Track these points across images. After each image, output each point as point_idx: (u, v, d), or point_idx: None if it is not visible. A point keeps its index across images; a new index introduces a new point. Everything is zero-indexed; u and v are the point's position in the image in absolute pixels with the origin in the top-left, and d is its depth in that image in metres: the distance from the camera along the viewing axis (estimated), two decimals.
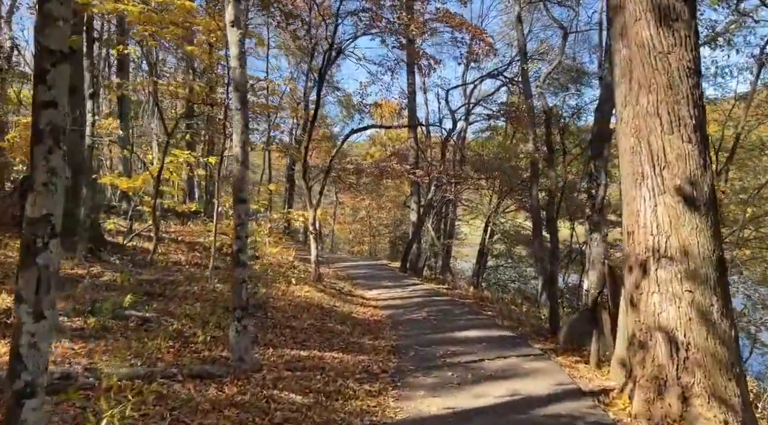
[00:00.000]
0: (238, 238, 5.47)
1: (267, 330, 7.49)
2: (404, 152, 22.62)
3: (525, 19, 20.58)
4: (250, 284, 10.11)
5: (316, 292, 11.47)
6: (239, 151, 5.48)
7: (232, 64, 5.48)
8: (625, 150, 5.46)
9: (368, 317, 10.54)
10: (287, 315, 8.58)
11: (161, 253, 11.81)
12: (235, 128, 5.51)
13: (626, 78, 5.43)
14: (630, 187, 5.37)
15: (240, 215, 5.49)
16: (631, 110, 5.35)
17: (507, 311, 13.03)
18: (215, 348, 6.07)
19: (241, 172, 5.49)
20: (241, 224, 5.49)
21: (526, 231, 25.69)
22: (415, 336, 8.77)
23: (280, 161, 35.41)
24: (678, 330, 4.89)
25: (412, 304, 12.36)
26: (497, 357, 7.30)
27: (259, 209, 14.78)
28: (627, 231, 5.42)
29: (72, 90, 9.71)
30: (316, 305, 9.99)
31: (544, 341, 9.60)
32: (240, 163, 5.47)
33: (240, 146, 5.48)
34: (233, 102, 5.53)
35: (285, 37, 21.72)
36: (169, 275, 9.57)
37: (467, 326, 9.85)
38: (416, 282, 16.71)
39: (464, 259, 34.69)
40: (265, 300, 9.13)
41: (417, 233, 20.42)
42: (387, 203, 40.50)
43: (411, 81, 20.74)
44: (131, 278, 8.50)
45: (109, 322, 6.14)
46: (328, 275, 16.12)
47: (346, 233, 46.96)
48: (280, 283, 11.13)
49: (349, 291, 13.59)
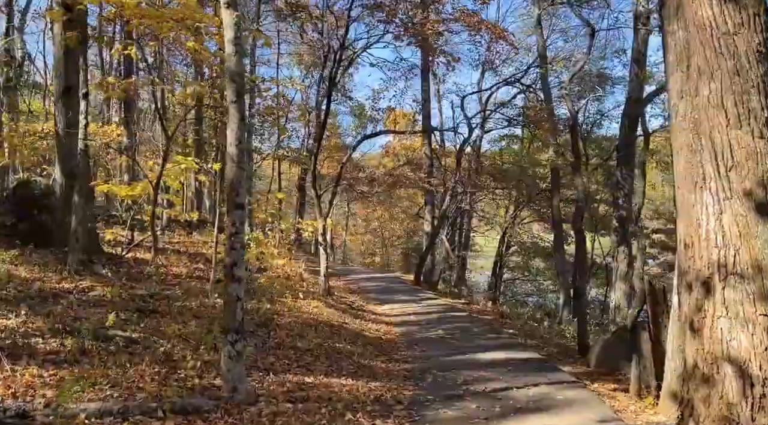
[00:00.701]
0: (232, 249, 4.76)
1: (269, 352, 6.75)
2: (418, 160, 21.90)
3: (543, 25, 19.96)
4: (254, 300, 9.42)
5: (325, 307, 10.74)
6: (234, 150, 4.79)
7: (227, 51, 4.81)
8: (681, 148, 4.68)
9: (381, 335, 9.78)
10: (292, 334, 7.84)
11: (161, 265, 11.15)
12: (230, 124, 4.82)
13: (683, 65, 4.67)
14: (687, 191, 4.59)
15: (235, 222, 4.78)
16: (689, 102, 4.58)
17: (529, 329, 12.21)
18: (207, 374, 5.34)
19: (237, 173, 4.79)
20: (236, 233, 4.78)
21: (545, 243, 24.82)
22: (433, 358, 7.99)
23: (291, 171, 34.94)
24: (752, 362, 4.09)
25: (428, 321, 11.57)
26: (526, 385, 6.48)
27: (266, 218, 14.15)
28: (684, 243, 4.64)
29: (66, 90, 9.16)
30: (325, 322, 9.25)
31: (572, 363, 8.78)
32: (235, 163, 4.77)
33: (235, 144, 4.79)
34: (228, 94, 4.85)
35: (295, 40, 21.18)
36: (167, 289, 8.89)
37: (489, 346, 9.04)
38: (431, 296, 15.91)
39: (479, 271, 33.77)
40: (270, 317, 8.41)
41: (431, 245, 19.63)
42: (400, 213, 39.77)
43: (425, 87, 20.08)
44: (124, 292, 7.83)
45: (89, 344, 5.45)
46: (338, 289, 15.38)
47: (358, 244, 46.26)
48: (287, 298, 10.40)
49: (360, 306, 12.84)
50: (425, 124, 21.03)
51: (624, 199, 13.26)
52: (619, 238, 13.21)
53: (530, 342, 10.21)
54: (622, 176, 13.27)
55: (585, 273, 9.78)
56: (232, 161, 4.81)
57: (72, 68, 9.07)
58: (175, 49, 13.55)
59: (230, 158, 4.82)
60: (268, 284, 11.53)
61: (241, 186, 4.85)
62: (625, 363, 8.30)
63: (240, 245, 4.82)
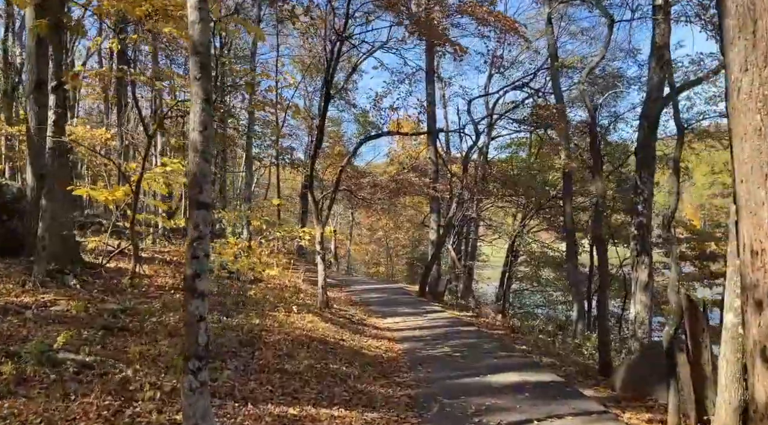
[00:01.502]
0: (194, 258, 3.90)
1: (250, 376, 5.87)
2: (423, 166, 21.04)
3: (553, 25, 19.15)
4: (241, 314, 8.55)
5: (321, 322, 9.84)
6: (197, 137, 3.95)
7: (190, 18, 3.99)
8: (745, 133, 3.79)
9: (381, 353, 8.87)
10: (280, 354, 6.95)
11: (145, 276, 10.33)
12: (193, 105, 3.99)
13: (747, 30, 3.78)
14: (755, 186, 3.69)
15: (198, 225, 3.93)
16: (756, 75, 3.69)
17: (543, 345, 11.26)
18: (169, 406, 4.47)
19: (201, 166, 3.95)
20: (198, 238, 3.92)
21: (555, 253, 23.88)
22: (439, 381, 7.09)
23: (296, 179, 34.23)
24: None
25: (433, 336, 10.66)
26: (548, 416, 5.58)
27: (260, 225, 13.31)
28: (750, 250, 3.74)
29: (39, 85, 8.38)
30: (319, 339, 8.35)
31: (595, 386, 7.85)
32: (199, 153, 3.93)
33: (199, 130, 3.95)
34: (191, 69, 4.02)
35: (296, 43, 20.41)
36: (145, 302, 8.05)
37: (501, 366, 8.12)
38: (437, 309, 14.98)
39: (486, 282, 32.79)
40: (257, 334, 7.53)
41: (437, 254, 18.71)
42: (405, 222, 38.94)
43: (430, 90, 19.26)
44: (92, 307, 6.99)
45: (32, 370, 4.60)
46: (338, 301, 14.49)
47: (362, 254, 45.38)
48: (279, 311, 9.53)
49: (360, 320, 11.94)
50: (430, 125, 20.16)
51: (643, 205, 12.37)
52: (638, 246, 12.31)
53: (546, 360, 9.27)
54: (641, 180, 12.38)
55: (607, 285, 8.86)
56: (195, 150, 3.97)
57: (45, 61, 8.31)
58: (165, 45, 12.80)
59: (193, 147, 3.98)
60: (260, 296, 10.68)
61: (206, 182, 4.00)
62: (656, 387, 7.39)
63: (204, 253, 3.96)
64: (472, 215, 20.85)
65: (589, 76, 12.93)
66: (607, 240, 20.61)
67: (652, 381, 7.26)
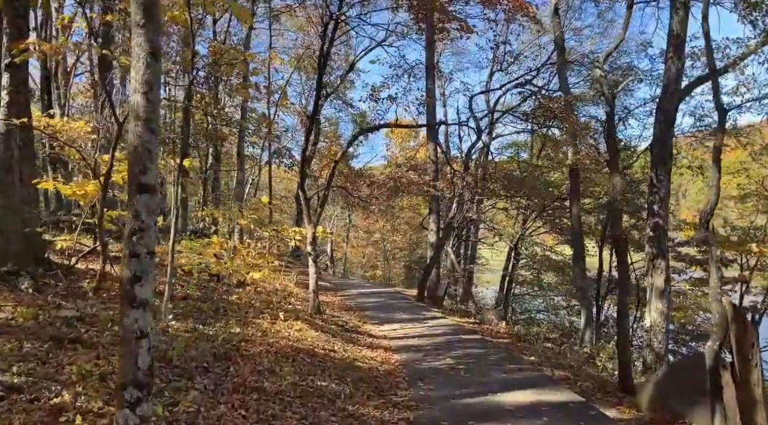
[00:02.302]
0: (133, 256, 3.03)
1: (221, 398, 4.97)
2: (422, 165, 20.18)
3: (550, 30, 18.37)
4: (220, 322, 7.66)
5: (311, 330, 8.94)
6: (140, 100, 3.08)
7: None
8: None
9: (377, 365, 7.98)
10: (260, 369, 6.05)
11: (118, 278, 9.41)
12: (134, 61, 3.11)
13: None
14: None
15: (139, 214, 3.05)
16: None
17: (553, 356, 10.39)
18: None
19: (144, 137, 3.07)
20: (140, 230, 3.05)
21: (559, 256, 23.04)
22: (442, 400, 6.20)
23: (290, 179, 33.38)
24: None
25: (434, 345, 9.77)
26: None
27: (248, 224, 12.41)
28: None
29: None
30: (307, 350, 7.45)
31: (617, 405, 6.98)
32: (141, 121, 3.05)
33: (142, 92, 3.08)
34: (132, 12, 3.14)
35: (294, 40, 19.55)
36: (110, 308, 7.12)
37: (511, 382, 7.24)
38: (436, 315, 14.09)
39: (485, 285, 31.94)
40: (234, 346, 6.63)
41: (436, 257, 17.81)
42: (402, 225, 38.14)
43: (430, 86, 18.40)
44: (44, 314, 6.08)
45: None
46: (331, 306, 13.61)
47: (359, 256, 44.54)
48: (264, 318, 8.63)
49: (354, 327, 11.04)
50: (430, 128, 19.31)
51: (659, 204, 11.48)
52: (654, 249, 11.43)
53: (558, 374, 8.40)
54: (657, 179, 11.51)
55: (627, 292, 8.00)
56: (138, 117, 3.09)
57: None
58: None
59: (134, 113, 3.10)
60: (245, 301, 9.78)
61: (151, 158, 3.12)
62: (688, 409, 6.49)
63: (147, 250, 3.08)
64: (473, 216, 19.98)
65: (606, 63, 12.06)
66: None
67: (684, 402, 6.39)
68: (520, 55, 20.81)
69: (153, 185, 3.13)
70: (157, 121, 3.16)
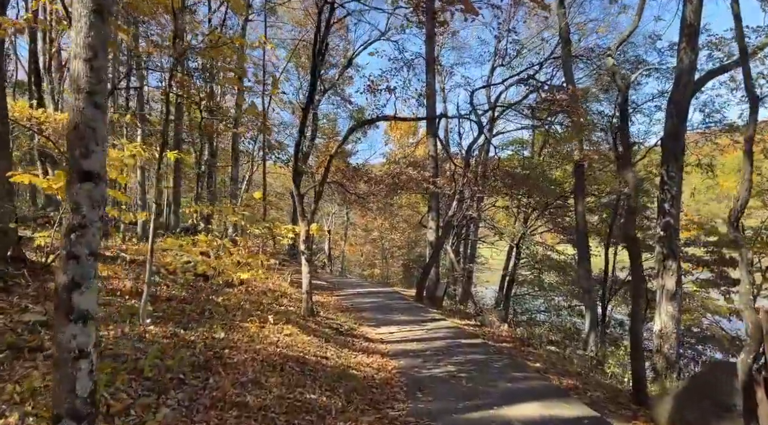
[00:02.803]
0: (71, 258, 2.48)
1: (196, 415, 4.42)
2: (422, 161, 19.62)
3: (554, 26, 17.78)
4: (204, 327, 7.11)
5: (303, 334, 8.39)
6: (81, 68, 2.53)
7: None
8: None
9: (373, 373, 7.44)
10: (244, 380, 5.49)
11: (105, 277, 8.88)
12: (75, 21, 2.56)
13: None
14: None
15: (80, 206, 2.50)
16: None
17: (559, 362, 9.85)
18: None
19: (85, 113, 2.52)
20: (81, 226, 2.50)
21: (561, 256, 22.52)
22: (444, 415, 5.66)
23: (288, 176, 32.78)
24: None
25: (434, 350, 9.24)
26: None
27: (240, 220, 11.83)
28: None
29: None
30: (296, 358, 6.89)
31: (632, 419, 6.45)
32: (82, 93, 2.50)
33: (84, 58, 2.52)
34: None
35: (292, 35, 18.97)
36: None
37: (517, 393, 6.70)
38: (436, 316, 13.54)
39: (484, 285, 31.47)
40: (217, 353, 6.08)
41: (436, 256, 17.25)
42: (401, 223, 37.61)
43: (430, 79, 17.84)
44: (7, 318, 5.52)
45: None
46: (326, 307, 13.06)
47: (357, 255, 44.03)
48: (253, 322, 8.08)
49: (349, 330, 10.50)
50: (430, 123, 18.76)
51: (671, 202, 11.00)
52: (665, 250, 10.94)
53: (566, 383, 7.86)
54: (668, 176, 11.03)
55: (641, 295, 7.46)
56: (79, 89, 2.54)
57: None
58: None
59: (74, 84, 2.54)
60: (234, 302, 9.23)
61: (97, 140, 2.56)
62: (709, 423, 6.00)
63: (89, 250, 2.53)
64: (473, 214, 19.43)
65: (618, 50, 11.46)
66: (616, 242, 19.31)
67: (708, 418, 5.86)
68: (523, 48, 20.22)
69: (98, 172, 2.57)
70: (104, 94, 2.60)
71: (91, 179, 2.54)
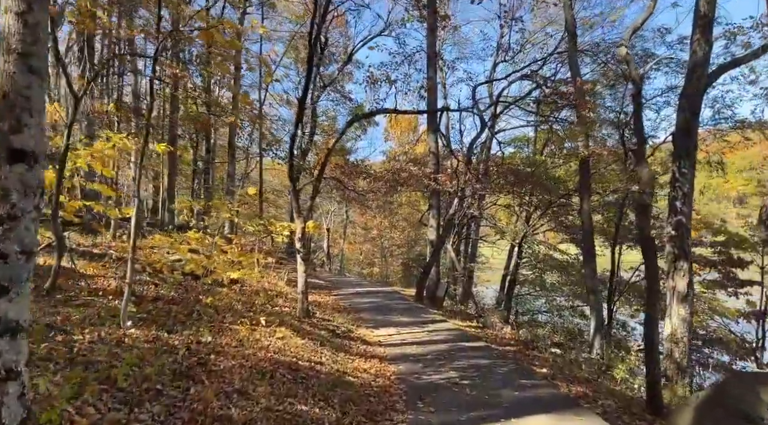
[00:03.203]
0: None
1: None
2: (423, 158, 19.17)
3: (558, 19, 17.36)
4: (190, 330, 6.65)
5: (297, 337, 7.94)
6: (12, 24, 2.05)
7: None
8: None
9: (370, 379, 6.99)
10: (230, 390, 5.04)
11: (86, 275, 8.44)
12: None
13: None
14: None
15: (9, 192, 2.05)
16: None
17: (566, 367, 9.41)
18: None
19: (19, 79, 2.06)
20: (11, 217, 2.05)
21: (564, 256, 22.07)
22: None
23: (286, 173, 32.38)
24: None
25: (435, 354, 8.80)
26: None
27: (232, 217, 11.36)
28: None
29: None
30: (288, 363, 6.44)
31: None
32: (13, 55, 2.05)
33: (16, 12, 2.06)
34: None
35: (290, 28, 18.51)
36: (58, 313, 6.13)
37: (524, 402, 6.25)
38: (436, 317, 13.10)
39: (484, 284, 31.02)
40: (202, 359, 5.62)
41: (436, 255, 16.81)
42: (401, 221, 37.17)
43: (431, 74, 17.39)
44: None
45: None
46: (323, 307, 12.61)
47: (356, 253, 43.58)
48: (243, 324, 7.62)
49: (346, 332, 10.05)
50: (431, 119, 18.30)
51: (682, 200, 10.52)
52: (676, 250, 10.47)
53: (575, 390, 7.41)
54: (680, 172, 10.55)
55: (657, 298, 7.01)
56: (9, 50, 2.08)
57: None
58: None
59: (5, 44, 2.08)
60: (225, 303, 8.78)
61: (31, 111, 2.10)
62: None
63: (21, 248, 2.07)
64: (474, 212, 18.98)
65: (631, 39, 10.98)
66: (622, 241, 18.87)
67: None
68: (527, 43, 19.76)
69: (32, 151, 2.11)
70: (41, 56, 2.14)
71: (24, 159, 2.09)
